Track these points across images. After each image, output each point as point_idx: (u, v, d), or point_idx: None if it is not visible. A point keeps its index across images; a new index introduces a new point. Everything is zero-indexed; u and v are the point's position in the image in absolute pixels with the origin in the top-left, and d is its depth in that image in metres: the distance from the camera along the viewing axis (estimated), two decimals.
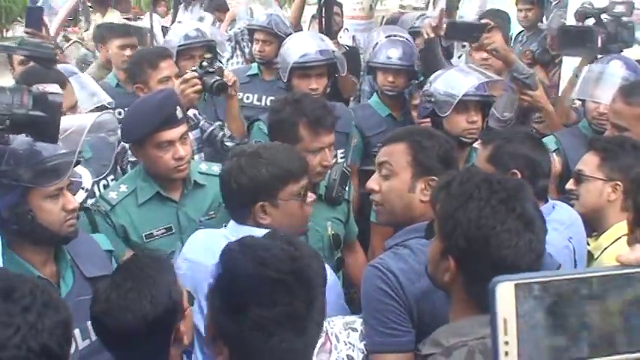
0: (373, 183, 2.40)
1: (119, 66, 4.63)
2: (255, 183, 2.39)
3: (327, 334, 2.18)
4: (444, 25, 3.75)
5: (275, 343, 1.46)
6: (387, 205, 2.37)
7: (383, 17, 7.29)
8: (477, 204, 1.69)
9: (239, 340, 1.48)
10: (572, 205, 2.81)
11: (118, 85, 4.51)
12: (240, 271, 1.50)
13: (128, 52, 4.61)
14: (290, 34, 4.49)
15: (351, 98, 4.99)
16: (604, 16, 3.78)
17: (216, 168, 3.12)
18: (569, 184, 2.85)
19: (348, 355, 2.17)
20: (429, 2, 7.22)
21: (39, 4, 4.93)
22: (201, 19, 5.73)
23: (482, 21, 3.77)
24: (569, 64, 4.39)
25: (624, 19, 3.81)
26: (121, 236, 2.83)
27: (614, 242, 2.64)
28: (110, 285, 1.93)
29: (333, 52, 3.96)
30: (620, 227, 2.64)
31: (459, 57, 4.73)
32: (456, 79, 3.33)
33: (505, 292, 0.99)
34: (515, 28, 5.79)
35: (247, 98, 4.51)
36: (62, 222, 2.22)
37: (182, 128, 2.87)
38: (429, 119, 3.43)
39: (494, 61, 4.01)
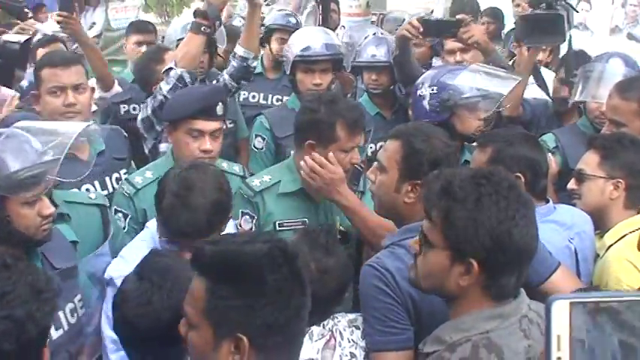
0: (371, 173, 2.47)
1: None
2: None
3: (331, 331, 2.22)
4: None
5: (292, 306, 1.56)
6: (376, 198, 2.45)
7: (380, 15, 7.29)
8: (490, 200, 1.71)
9: (262, 317, 1.53)
10: (573, 205, 2.82)
11: (134, 81, 4.49)
12: (237, 254, 1.57)
13: (144, 48, 4.60)
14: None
15: (348, 95, 4.99)
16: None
17: (237, 168, 3.27)
18: (571, 184, 2.85)
19: (351, 353, 2.21)
20: None
21: None
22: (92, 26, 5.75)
23: (458, 17, 3.75)
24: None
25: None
26: (141, 221, 2.90)
27: (618, 240, 2.65)
28: (148, 286, 1.89)
29: (339, 46, 3.96)
30: (623, 225, 2.68)
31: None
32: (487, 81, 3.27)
33: (560, 310, 1.03)
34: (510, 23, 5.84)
35: (253, 97, 4.56)
36: (37, 227, 2.26)
37: (217, 124, 2.97)
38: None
39: (470, 62, 3.97)
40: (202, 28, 3.41)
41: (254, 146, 3.82)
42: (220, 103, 2.97)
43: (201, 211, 2.35)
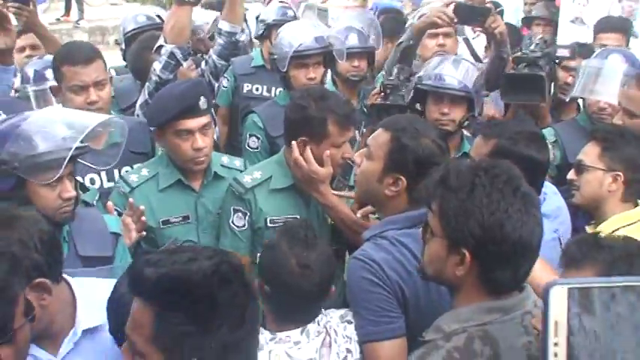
0: (357, 157, 2.52)
1: None
2: None
3: (326, 327, 2.26)
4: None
5: (246, 321, 1.52)
6: (358, 183, 2.51)
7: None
8: (484, 191, 1.73)
9: (218, 339, 1.48)
10: (572, 196, 2.87)
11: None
12: (185, 276, 1.50)
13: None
14: None
15: None
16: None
17: (238, 162, 3.24)
18: (570, 175, 2.89)
19: (347, 349, 2.24)
20: None
21: None
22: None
23: (487, 5, 3.79)
24: None
25: (572, 63, 3.87)
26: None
27: (612, 233, 2.65)
28: None
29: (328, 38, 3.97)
30: (618, 219, 2.71)
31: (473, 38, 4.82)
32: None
33: (558, 296, 1.04)
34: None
35: (257, 90, 4.57)
36: (57, 209, 2.30)
37: (204, 119, 2.92)
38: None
39: (448, 48, 4.10)
40: None
41: (248, 146, 3.81)
42: (202, 97, 2.93)
43: None
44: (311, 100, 2.89)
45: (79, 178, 2.83)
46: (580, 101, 3.93)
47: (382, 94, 3.52)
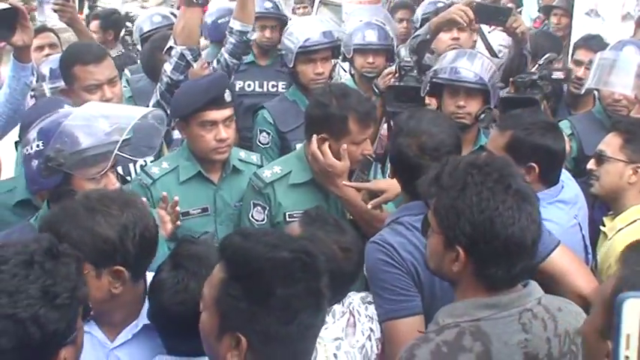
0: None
1: None
2: None
3: (349, 308, 2.30)
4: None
5: (297, 322, 1.54)
6: None
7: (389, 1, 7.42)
8: (474, 189, 1.76)
9: (263, 325, 1.53)
10: (591, 186, 2.88)
11: None
12: (257, 257, 1.55)
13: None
14: (287, 17, 4.60)
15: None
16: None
17: (254, 157, 3.30)
18: (591, 164, 2.90)
19: (370, 328, 2.30)
20: None
21: None
22: None
23: (509, 5, 3.80)
24: None
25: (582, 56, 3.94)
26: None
27: (629, 225, 2.71)
28: (185, 273, 1.96)
29: (336, 33, 4.01)
30: (636, 210, 2.74)
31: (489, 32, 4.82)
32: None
33: (631, 308, 1.04)
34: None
35: (249, 86, 4.57)
36: None
37: (228, 112, 3.01)
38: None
39: (462, 42, 4.13)
40: (195, 0, 3.36)
41: (259, 142, 3.85)
42: (227, 90, 3.02)
43: None
44: (332, 97, 2.91)
45: None
46: (595, 93, 3.94)
47: (397, 74, 3.53)
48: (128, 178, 3.25)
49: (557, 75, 3.66)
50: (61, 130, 2.27)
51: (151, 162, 3.25)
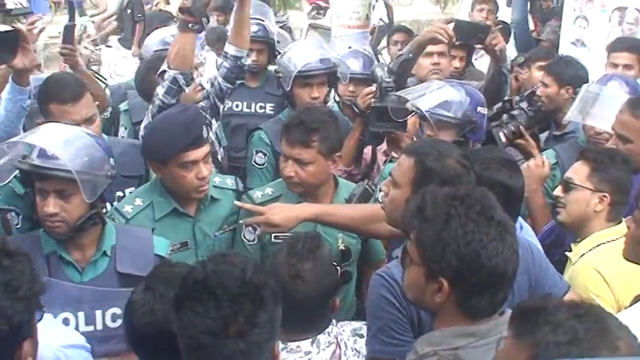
0: (384, 186, 2.57)
1: None
2: None
3: (337, 339, 2.35)
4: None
5: None
6: (387, 212, 2.54)
7: (374, 27, 7.63)
8: (459, 221, 1.79)
9: None
10: (557, 213, 2.96)
11: None
12: None
13: None
14: (275, 40, 4.72)
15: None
16: None
17: (229, 181, 3.30)
18: (557, 191, 2.98)
19: None
20: None
21: None
22: None
23: (487, 22, 3.87)
24: None
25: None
26: None
27: (591, 250, 2.81)
28: (152, 295, 2.01)
29: (332, 59, 4.11)
30: (599, 235, 2.84)
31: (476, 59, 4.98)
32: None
33: None
34: None
35: (237, 106, 4.65)
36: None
37: (206, 148, 3.00)
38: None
39: (443, 67, 4.24)
40: (190, 25, 3.35)
41: (255, 162, 3.89)
42: (204, 126, 3.00)
43: None
44: None
45: None
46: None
47: (377, 94, 3.56)
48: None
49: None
50: None
51: (130, 193, 3.26)
